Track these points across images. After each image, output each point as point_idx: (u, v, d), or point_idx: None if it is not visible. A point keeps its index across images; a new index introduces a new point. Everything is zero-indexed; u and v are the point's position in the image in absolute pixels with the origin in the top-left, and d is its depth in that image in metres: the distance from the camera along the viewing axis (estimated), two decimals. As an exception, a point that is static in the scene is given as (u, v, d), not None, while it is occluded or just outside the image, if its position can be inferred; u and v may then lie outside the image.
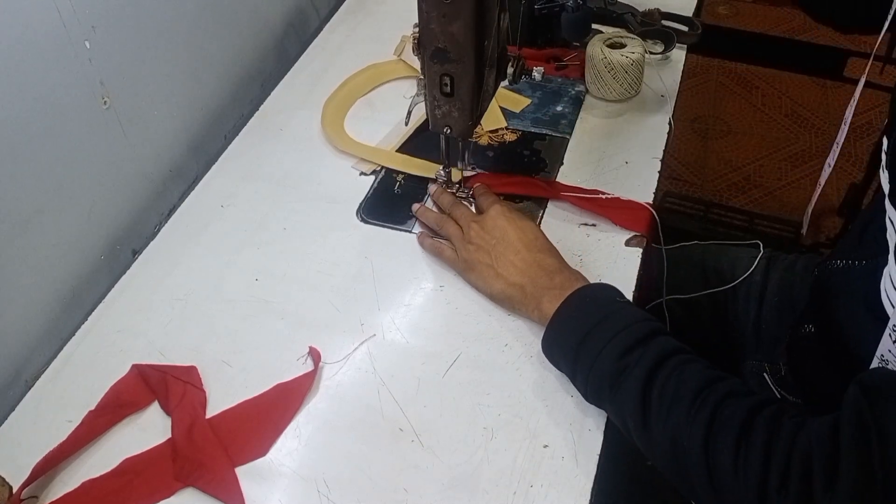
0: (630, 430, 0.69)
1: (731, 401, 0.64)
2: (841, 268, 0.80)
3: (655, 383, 0.67)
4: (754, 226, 1.91)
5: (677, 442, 0.65)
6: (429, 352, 0.80)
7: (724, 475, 0.61)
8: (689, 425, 0.64)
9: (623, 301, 0.76)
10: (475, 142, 1.00)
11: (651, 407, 0.67)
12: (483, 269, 0.83)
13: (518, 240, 0.83)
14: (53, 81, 0.78)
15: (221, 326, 0.83)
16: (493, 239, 0.83)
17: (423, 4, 0.77)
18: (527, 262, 0.81)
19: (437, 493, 0.69)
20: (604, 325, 0.72)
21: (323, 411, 0.76)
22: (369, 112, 1.09)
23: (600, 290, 0.77)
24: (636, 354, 0.69)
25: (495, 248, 0.83)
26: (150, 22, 0.91)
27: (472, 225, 0.86)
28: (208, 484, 0.70)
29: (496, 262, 0.82)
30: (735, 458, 0.61)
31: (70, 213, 0.84)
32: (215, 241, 0.92)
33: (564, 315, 0.75)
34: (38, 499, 0.70)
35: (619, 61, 1.02)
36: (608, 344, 0.71)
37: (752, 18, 2.63)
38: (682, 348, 0.70)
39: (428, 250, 0.89)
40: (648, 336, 0.71)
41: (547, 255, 0.82)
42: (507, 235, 0.83)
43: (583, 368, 0.72)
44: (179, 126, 1.01)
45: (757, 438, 0.61)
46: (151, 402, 0.77)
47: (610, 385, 0.70)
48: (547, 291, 0.78)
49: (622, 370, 0.69)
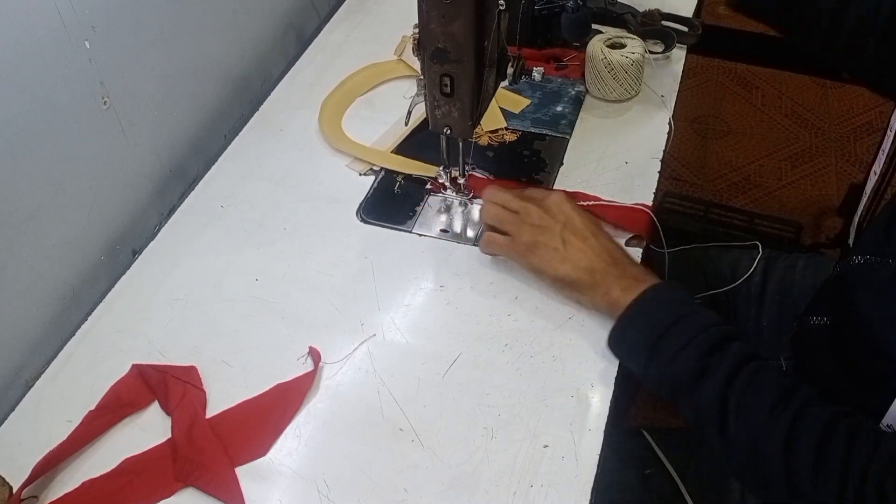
0: (707, 433, 0.71)
1: (811, 410, 0.66)
2: (864, 264, 0.79)
3: (734, 390, 0.68)
4: (754, 226, 1.91)
5: (757, 449, 0.66)
6: (429, 352, 0.80)
7: (803, 484, 0.64)
8: (768, 433, 0.66)
9: (698, 303, 0.76)
10: (475, 142, 1.00)
11: (729, 413, 0.68)
12: (547, 252, 0.81)
13: (585, 227, 0.82)
14: (53, 81, 0.78)
15: (221, 326, 0.83)
16: (557, 223, 0.82)
17: (423, 4, 0.77)
18: (597, 249, 0.80)
19: (437, 493, 0.69)
20: (681, 326, 0.73)
21: (323, 411, 0.76)
22: (369, 112, 1.09)
23: (676, 289, 0.78)
24: (714, 359, 0.70)
25: (562, 232, 0.81)
26: (150, 22, 0.91)
27: (532, 208, 0.83)
28: (208, 484, 0.70)
29: (564, 245, 0.81)
30: (814, 470, 0.63)
31: (70, 213, 0.84)
32: (215, 241, 0.92)
33: (640, 309, 0.75)
34: (38, 499, 0.70)
35: (619, 61, 1.02)
36: (686, 347, 0.71)
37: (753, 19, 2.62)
38: (756, 354, 0.71)
39: (483, 247, 0.86)
40: (725, 341, 0.71)
41: (615, 246, 0.82)
42: (574, 221, 0.82)
43: (657, 366, 0.73)
44: (179, 126, 1.01)
45: (835, 452, 0.63)
46: (151, 402, 0.77)
47: (687, 388, 0.71)
48: (619, 280, 0.78)
49: (700, 374, 0.70)
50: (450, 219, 0.94)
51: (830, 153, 2.13)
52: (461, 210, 0.95)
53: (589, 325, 0.82)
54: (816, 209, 1.99)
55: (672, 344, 0.72)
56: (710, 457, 0.92)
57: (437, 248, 0.90)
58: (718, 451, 0.70)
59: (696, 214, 1.95)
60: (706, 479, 0.90)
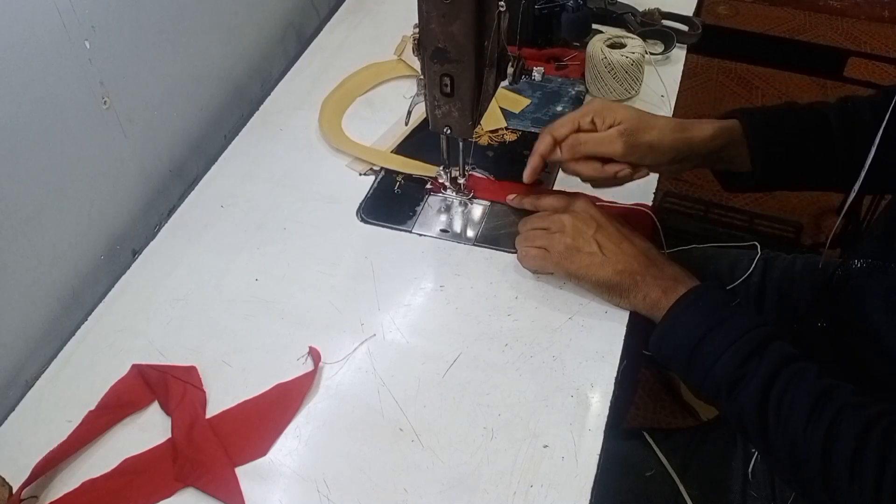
0: (747, 434, 0.72)
1: (848, 412, 0.67)
2: (865, 268, 0.79)
3: (773, 393, 0.70)
4: (754, 226, 1.91)
5: (795, 450, 0.68)
6: (429, 352, 0.80)
7: (840, 484, 0.65)
8: (806, 435, 0.67)
9: (736, 304, 0.77)
10: (475, 142, 1.00)
11: (769, 416, 0.69)
12: (586, 257, 0.82)
13: (617, 230, 0.83)
14: (53, 81, 0.78)
15: (221, 326, 0.83)
16: (590, 228, 0.83)
17: (423, 4, 0.77)
18: (632, 251, 0.81)
19: (437, 493, 0.69)
20: (721, 330, 0.74)
21: (323, 411, 0.76)
22: (369, 112, 1.09)
23: (716, 290, 0.78)
24: (753, 363, 0.71)
25: (595, 236, 0.82)
26: (150, 22, 0.91)
27: (564, 216, 0.84)
28: (208, 484, 0.70)
29: (600, 249, 0.81)
30: (851, 471, 0.65)
31: (70, 213, 0.84)
32: (215, 241, 0.92)
33: (681, 312, 0.76)
34: (38, 499, 0.70)
35: (619, 61, 1.02)
36: (726, 351, 0.72)
37: (752, 18, 2.63)
38: (795, 356, 0.72)
39: (522, 262, 0.87)
40: (764, 343, 0.72)
41: (651, 247, 0.83)
42: (605, 225, 0.83)
43: (698, 370, 0.74)
44: (179, 126, 1.01)
45: (872, 453, 0.64)
46: (151, 402, 0.77)
47: (728, 391, 0.72)
48: (659, 282, 0.79)
49: (740, 378, 0.71)
50: (450, 219, 0.94)
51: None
52: (461, 210, 0.95)
53: (589, 325, 0.82)
54: (816, 209, 1.99)
55: (713, 348, 0.73)
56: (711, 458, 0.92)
57: (437, 248, 0.91)
58: (759, 451, 0.72)
59: (696, 214, 1.95)
60: (707, 482, 0.90)
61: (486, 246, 0.90)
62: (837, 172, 0.87)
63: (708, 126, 0.85)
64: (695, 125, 0.85)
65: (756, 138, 0.85)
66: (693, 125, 0.85)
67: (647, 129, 0.83)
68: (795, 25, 2.60)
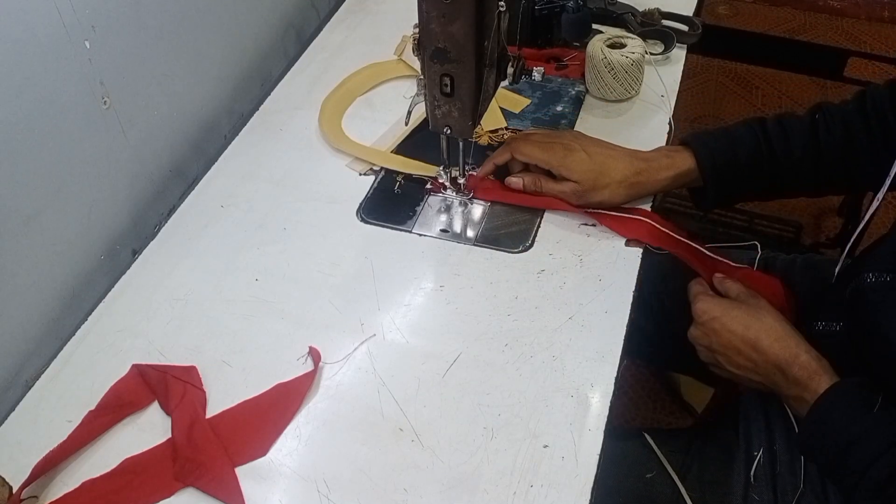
0: None
1: None
2: (880, 282, 0.79)
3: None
4: (754, 226, 1.91)
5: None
6: (429, 352, 0.80)
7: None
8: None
9: (873, 412, 0.75)
10: (475, 142, 1.00)
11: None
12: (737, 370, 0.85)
13: (744, 343, 0.83)
14: (53, 81, 0.78)
15: (221, 326, 0.83)
16: (733, 353, 0.84)
17: (423, 4, 0.77)
18: (763, 366, 0.82)
19: (437, 493, 0.69)
20: (859, 449, 0.73)
21: (323, 411, 0.76)
22: (369, 112, 1.09)
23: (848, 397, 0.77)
24: None
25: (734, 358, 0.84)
26: (150, 22, 0.91)
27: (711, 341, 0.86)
28: (208, 484, 0.70)
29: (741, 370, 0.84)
30: None
31: (70, 213, 0.84)
32: (215, 241, 0.92)
33: (814, 426, 0.77)
34: (38, 499, 0.70)
35: (619, 61, 1.02)
36: (869, 469, 0.71)
37: (752, 18, 2.62)
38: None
39: None
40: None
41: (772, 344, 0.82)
42: (737, 343, 0.84)
43: (849, 477, 0.73)
44: (179, 126, 1.01)
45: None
46: (151, 402, 0.77)
47: None
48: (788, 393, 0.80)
49: None
50: (450, 219, 0.94)
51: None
52: (461, 210, 0.95)
53: (589, 324, 0.82)
54: (816, 209, 1.98)
55: (861, 459, 0.72)
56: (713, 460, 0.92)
57: (437, 248, 0.91)
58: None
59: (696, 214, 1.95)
60: (707, 483, 0.90)
61: (486, 246, 0.90)
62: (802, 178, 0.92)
63: (664, 174, 0.90)
64: (650, 175, 0.90)
65: (708, 171, 0.90)
66: (648, 176, 0.90)
67: (600, 188, 0.89)
68: (795, 25, 2.60)
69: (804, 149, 0.90)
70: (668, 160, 0.91)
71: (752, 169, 0.90)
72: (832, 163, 0.90)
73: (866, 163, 0.89)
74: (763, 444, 0.86)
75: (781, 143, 0.90)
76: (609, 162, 0.89)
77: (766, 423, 0.87)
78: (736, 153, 0.90)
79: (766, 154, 0.90)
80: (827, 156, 0.90)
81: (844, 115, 0.90)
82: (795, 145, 0.90)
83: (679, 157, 0.91)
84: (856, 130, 0.89)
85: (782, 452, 0.84)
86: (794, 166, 0.90)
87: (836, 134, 0.89)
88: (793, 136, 0.90)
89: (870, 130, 0.88)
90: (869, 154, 0.88)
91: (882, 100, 0.89)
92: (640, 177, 0.90)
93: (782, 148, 0.90)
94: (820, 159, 0.90)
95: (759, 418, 0.88)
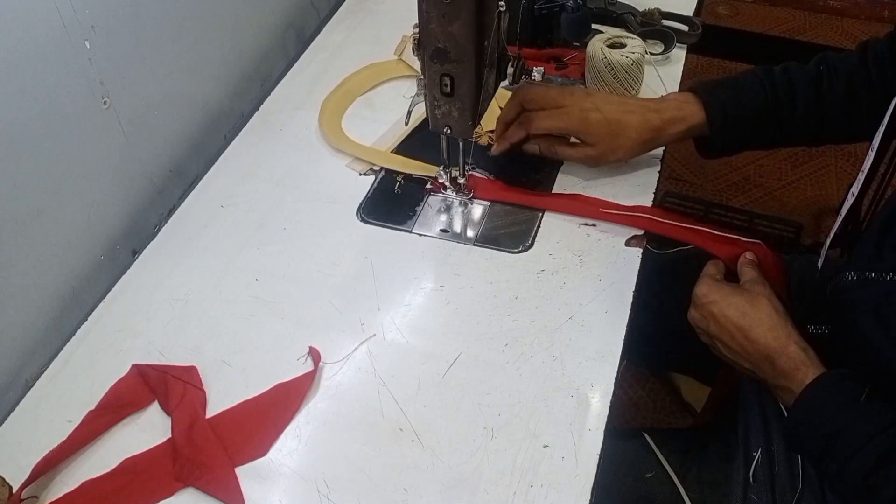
0: None
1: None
2: (857, 280, 0.79)
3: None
4: (754, 226, 1.91)
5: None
6: (429, 352, 0.80)
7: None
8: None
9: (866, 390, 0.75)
10: (475, 142, 1.00)
11: None
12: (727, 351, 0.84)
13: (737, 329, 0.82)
14: (53, 81, 0.78)
15: (221, 326, 0.83)
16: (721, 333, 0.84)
17: (423, 4, 0.77)
18: (754, 355, 0.81)
19: (437, 493, 0.69)
20: (854, 428, 0.73)
21: (323, 411, 0.76)
22: (369, 112, 1.09)
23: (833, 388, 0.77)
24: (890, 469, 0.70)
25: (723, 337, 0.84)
26: (150, 22, 0.91)
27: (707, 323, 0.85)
28: (208, 484, 0.70)
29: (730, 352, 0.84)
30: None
31: (70, 213, 0.84)
32: (215, 241, 0.92)
33: (799, 416, 0.76)
34: (38, 499, 0.70)
35: (619, 61, 1.02)
36: (853, 458, 0.71)
37: (752, 18, 2.63)
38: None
39: None
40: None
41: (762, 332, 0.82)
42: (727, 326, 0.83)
43: (833, 467, 0.73)
44: (179, 126, 1.01)
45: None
46: (151, 402, 0.77)
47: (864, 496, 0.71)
48: (775, 383, 0.79)
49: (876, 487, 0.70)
50: (450, 219, 0.94)
51: (830, 153, 2.13)
52: (461, 210, 0.95)
53: (589, 324, 0.82)
54: (816, 209, 1.99)
55: (845, 448, 0.72)
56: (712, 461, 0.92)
57: (437, 248, 0.91)
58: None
59: (696, 214, 1.95)
60: (707, 483, 0.90)
61: (486, 246, 0.90)
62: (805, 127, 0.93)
63: (676, 128, 0.92)
64: (664, 130, 0.92)
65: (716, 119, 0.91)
66: (662, 132, 0.92)
67: (616, 149, 0.92)
68: (795, 25, 2.60)
69: (808, 100, 0.91)
70: (680, 113, 0.92)
71: (758, 119, 0.92)
72: (834, 114, 0.91)
73: (866, 114, 0.90)
74: (761, 445, 0.86)
75: (788, 94, 0.91)
76: (624, 119, 0.91)
77: (764, 423, 0.87)
78: (744, 104, 0.91)
79: (773, 105, 0.91)
80: (830, 108, 0.91)
81: (848, 68, 0.91)
82: (800, 96, 0.91)
83: (689, 109, 0.92)
84: (857, 83, 0.90)
85: (780, 453, 0.84)
86: (799, 117, 0.91)
87: (839, 86, 0.90)
88: (798, 87, 0.91)
89: (870, 83, 0.90)
90: (869, 105, 0.90)
91: (882, 52, 0.90)
92: (654, 133, 0.92)
93: (789, 99, 0.91)
94: (823, 111, 0.91)
95: (756, 418, 0.88)
